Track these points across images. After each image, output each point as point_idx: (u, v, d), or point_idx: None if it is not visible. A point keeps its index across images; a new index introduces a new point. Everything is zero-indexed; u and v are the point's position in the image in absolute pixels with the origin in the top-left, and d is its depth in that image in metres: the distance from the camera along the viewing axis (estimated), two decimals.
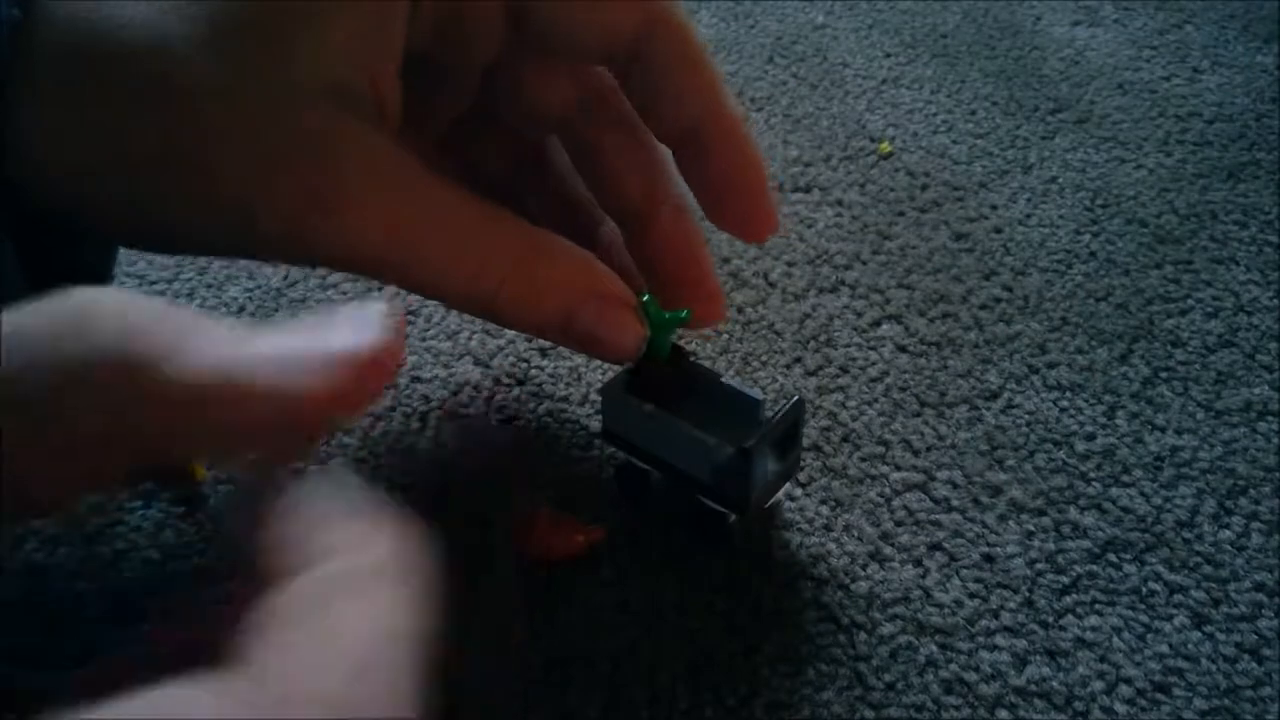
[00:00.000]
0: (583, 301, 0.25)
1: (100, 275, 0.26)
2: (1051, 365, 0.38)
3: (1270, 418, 0.37)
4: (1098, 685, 0.29)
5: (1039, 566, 0.32)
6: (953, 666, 0.29)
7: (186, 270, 0.42)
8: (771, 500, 0.32)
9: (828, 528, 0.33)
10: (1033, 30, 0.58)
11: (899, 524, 0.33)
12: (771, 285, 0.42)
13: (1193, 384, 0.38)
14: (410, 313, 0.40)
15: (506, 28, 0.24)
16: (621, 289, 0.26)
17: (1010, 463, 0.35)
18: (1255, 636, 0.30)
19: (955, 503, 0.34)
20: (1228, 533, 0.33)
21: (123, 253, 0.43)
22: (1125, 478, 0.35)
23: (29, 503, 0.18)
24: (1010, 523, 0.33)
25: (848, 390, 0.37)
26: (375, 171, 0.22)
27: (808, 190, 0.47)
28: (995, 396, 0.37)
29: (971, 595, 0.31)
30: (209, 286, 0.41)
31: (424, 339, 0.39)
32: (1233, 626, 0.30)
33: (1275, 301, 0.41)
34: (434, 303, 0.40)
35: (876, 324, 0.40)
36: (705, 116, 0.26)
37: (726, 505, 0.30)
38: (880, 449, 0.35)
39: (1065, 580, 0.31)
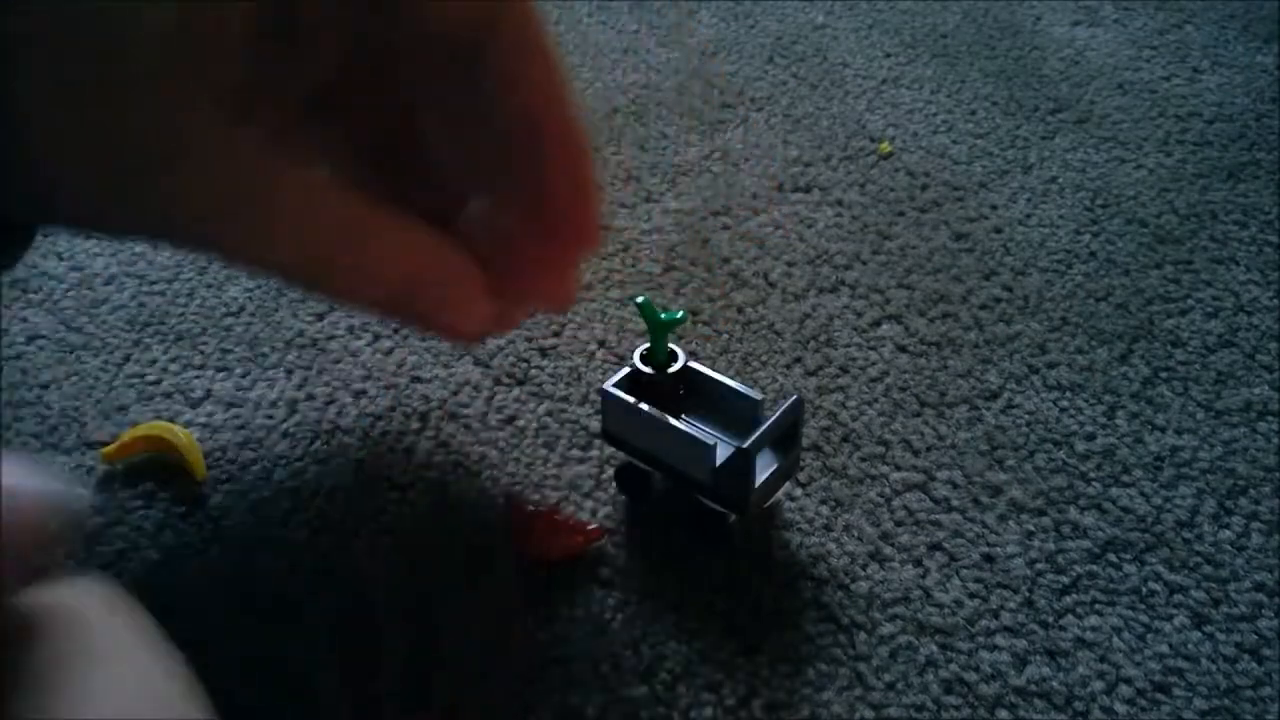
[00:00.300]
0: (417, 279, 0.24)
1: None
2: (1051, 365, 0.38)
3: (1270, 418, 0.37)
4: (1098, 685, 0.29)
5: (1039, 566, 0.32)
6: (953, 666, 0.29)
7: (186, 270, 0.42)
8: (771, 500, 0.32)
9: (828, 528, 0.33)
10: (1033, 30, 0.58)
11: (899, 524, 0.33)
12: (771, 285, 0.42)
13: (1193, 384, 0.38)
14: None
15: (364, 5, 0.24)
16: (461, 267, 0.25)
17: (1010, 463, 0.35)
18: (1255, 636, 0.30)
19: (955, 503, 0.34)
20: (1228, 533, 0.33)
21: (124, 254, 0.43)
22: (1125, 478, 0.35)
23: None
24: (1010, 523, 0.33)
25: (848, 390, 0.37)
26: (198, 144, 0.21)
27: (808, 190, 0.47)
28: (995, 396, 0.37)
29: (971, 595, 0.31)
30: (209, 287, 0.41)
31: (424, 339, 0.39)
32: (1233, 626, 0.30)
33: (1275, 301, 0.41)
34: None
35: (876, 324, 0.40)
36: (538, 113, 0.25)
37: (726, 505, 0.30)
38: (880, 449, 0.35)
39: (1065, 580, 0.31)
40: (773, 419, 0.30)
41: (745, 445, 0.29)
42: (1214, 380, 0.38)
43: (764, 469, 0.30)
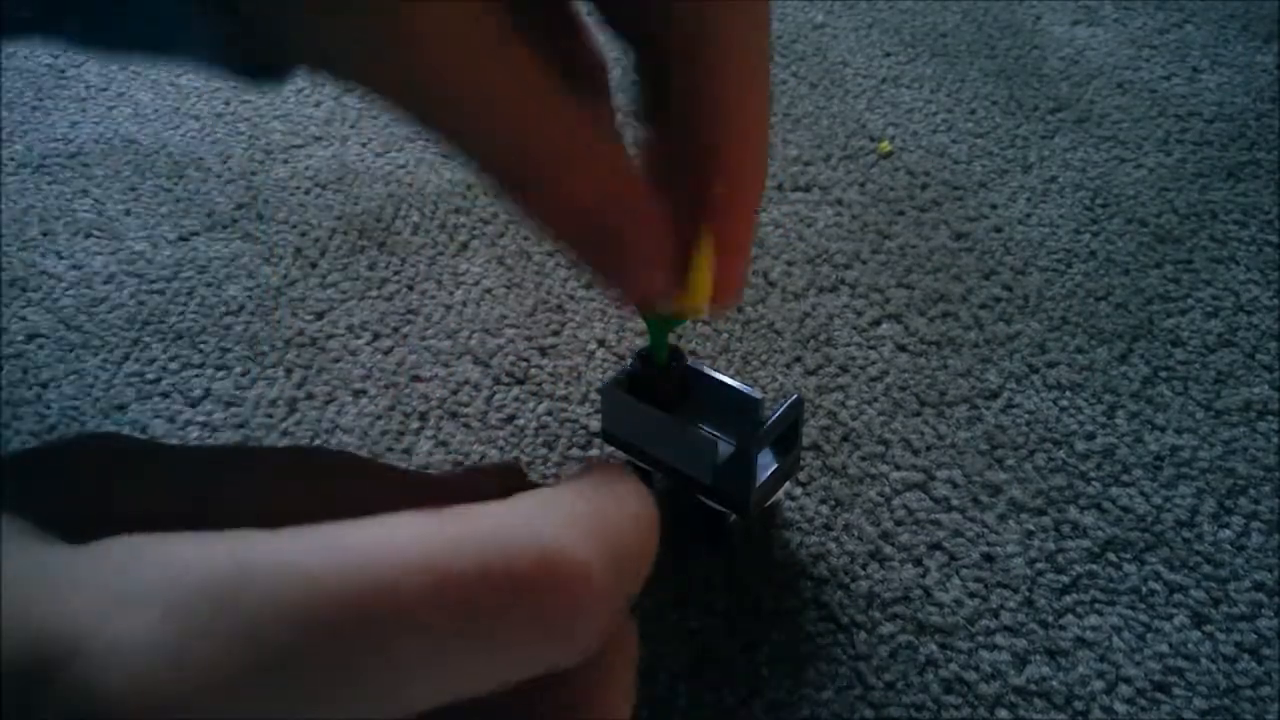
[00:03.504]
0: (618, 204, 0.23)
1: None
2: (1051, 365, 0.38)
3: (1270, 417, 0.37)
4: (1098, 685, 0.29)
5: (1039, 566, 0.32)
6: (953, 666, 0.29)
7: (186, 269, 0.42)
8: (771, 500, 0.32)
9: (828, 527, 0.33)
10: (1033, 30, 0.58)
11: (899, 523, 0.33)
12: (771, 285, 0.42)
13: (1193, 384, 0.38)
14: (410, 312, 0.40)
15: None
16: (664, 216, 0.24)
17: (1010, 462, 0.35)
18: (1255, 636, 0.30)
19: (955, 502, 0.34)
20: (1228, 532, 0.33)
21: (123, 253, 0.43)
22: (1125, 477, 0.34)
23: None
24: (1010, 522, 0.33)
25: (848, 390, 0.37)
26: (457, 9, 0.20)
27: (808, 190, 0.47)
28: (995, 396, 0.37)
29: (971, 595, 0.31)
30: (208, 285, 0.41)
31: (423, 338, 0.39)
32: (1233, 626, 0.30)
33: (1275, 301, 0.41)
34: (434, 302, 0.40)
35: (876, 323, 0.40)
36: (725, 140, 0.23)
37: (727, 505, 0.30)
38: (880, 448, 0.35)
39: (1065, 580, 0.31)
40: (773, 419, 0.30)
41: (745, 446, 0.29)
42: (1214, 380, 0.38)
43: (764, 469, 0.30)
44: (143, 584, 0.14)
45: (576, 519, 0.17)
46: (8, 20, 0.20)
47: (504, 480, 0.25)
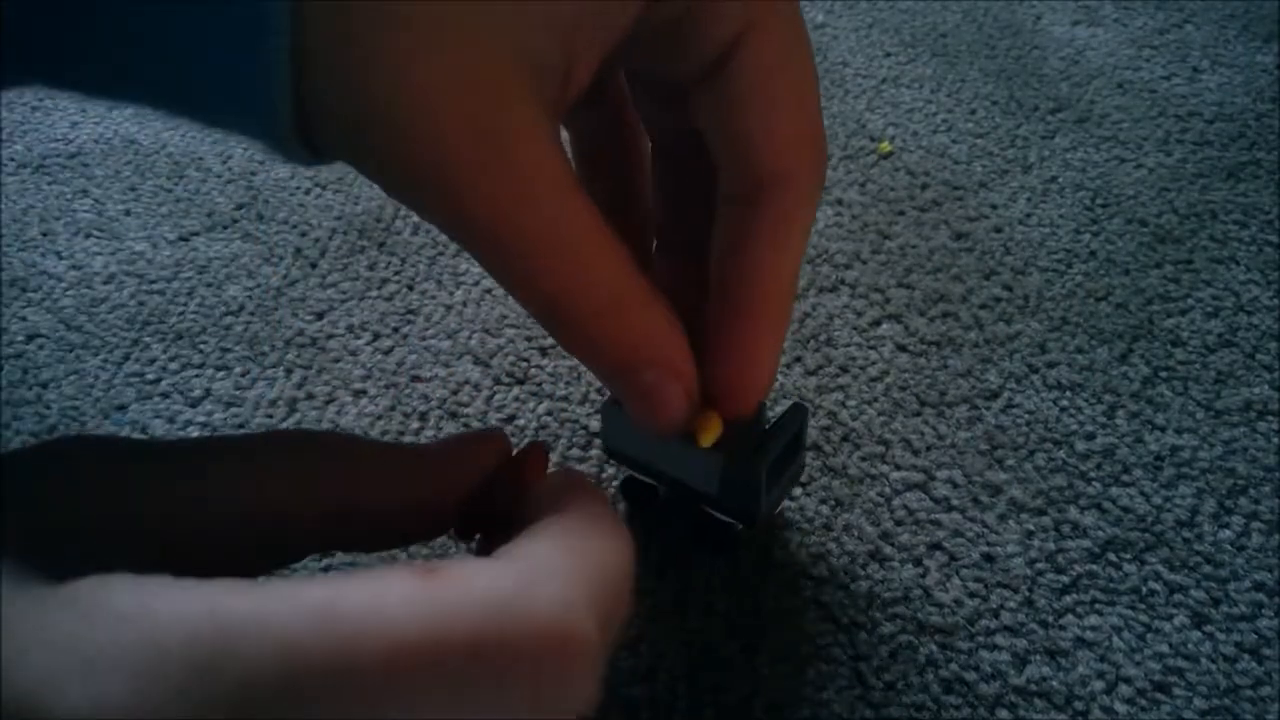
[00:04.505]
0: (651, 361, 0.23)
1: None
2: (1051, 365, 0.38)
3: (1270, 417, 0.37)
4: (1098, 685, 0.29)
5: (1039, 566, 0.32)
6: (953, 666, 0.29)
7: (186, 270, 0.42)
8: (778, 507, 0.32)
9: (828, 527, 0.33)
10: (1033, 30, 0.58)
11: (899, 523, 0.33)
12: None
13: (1193, 384, 0.38)
14: (410, 312, 0.40)
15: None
16: (688, 365, 0.24)
17: (1010, 462, 0.35)
18: (1255, 636, 0.30)
19: (955, 502, 0.34)
20: (1228, 532, 0.33)
21: (123, 253, 0.43)
22: (1125, 477, 0.34)
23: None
24: (1010, 522, 0.33)
25: (848, 390, 0.37)
26: (523, 154, 0.19)
27: None
28: (995, 396, 0.37)
29: (971, 595, 0.31)
30: (208, 285, 0.41)
31: (424, 338, 0.39)
32: (1233, 626, 0.30)
33: (1275, 301, 0.41)
34: (434, 302, 0.40)
35: (876, 323, 0.40)
36: (768, 174, 0.23)
37: (735, 517, 0.30)
38: (880, 448, 0.35)
39: (1065, 580, 0.31)
40: (778, 430, 0.29)
41: (754, 465, 0.28)
42: (1214, 380, 0.38)
43: (772, 483, 0.30)
44: (112, 643, 0.13)
45: (572, 584, 0.17)
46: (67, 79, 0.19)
47: (487, 449, 0.25)
